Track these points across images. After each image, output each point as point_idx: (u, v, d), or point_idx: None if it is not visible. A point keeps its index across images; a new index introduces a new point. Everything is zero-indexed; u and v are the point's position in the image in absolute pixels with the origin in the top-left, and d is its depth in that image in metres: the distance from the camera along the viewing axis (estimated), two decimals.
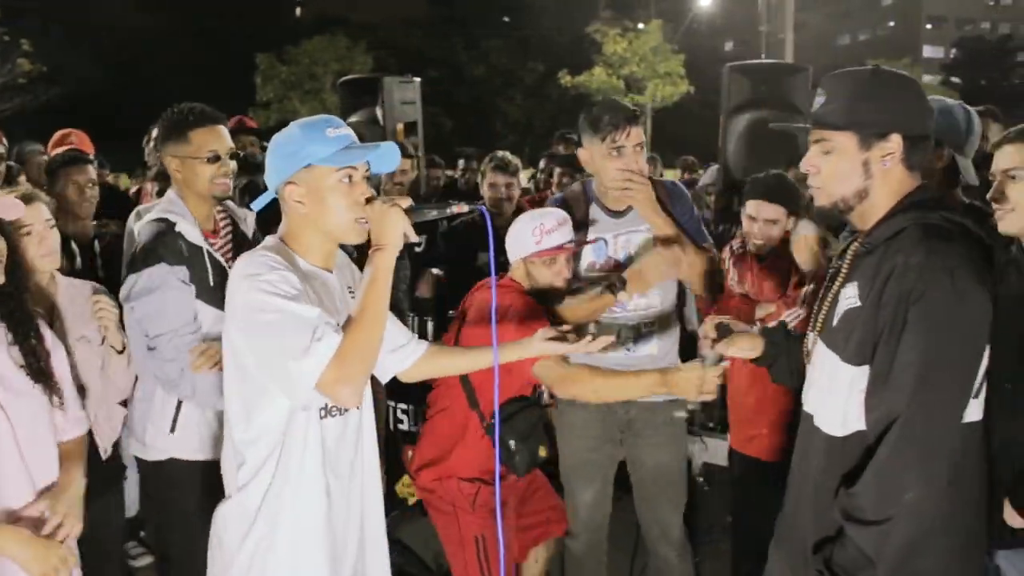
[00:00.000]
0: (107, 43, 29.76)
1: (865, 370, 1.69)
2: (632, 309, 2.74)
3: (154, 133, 4.68)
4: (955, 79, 38.22)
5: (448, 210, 1.87)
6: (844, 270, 1.79)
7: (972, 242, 1.69)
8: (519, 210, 4.16)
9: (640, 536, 2.98)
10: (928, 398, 1.61)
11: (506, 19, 38.40)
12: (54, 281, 2.46)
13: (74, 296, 2.48)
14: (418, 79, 7.08)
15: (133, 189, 5.22)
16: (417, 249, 4.19)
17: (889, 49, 37.12)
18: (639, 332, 2.76)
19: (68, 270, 2.71)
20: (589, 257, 2.78)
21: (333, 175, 1.73)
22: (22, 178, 3.94)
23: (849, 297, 1.73)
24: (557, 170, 5.71)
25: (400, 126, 6.69)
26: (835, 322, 1.76)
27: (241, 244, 2.62)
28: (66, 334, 2.36)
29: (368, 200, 1.75)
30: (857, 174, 1.72)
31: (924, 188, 1.75)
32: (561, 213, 2.67)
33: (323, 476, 1.78)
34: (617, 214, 2.76)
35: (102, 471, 2.49)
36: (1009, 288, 2.09)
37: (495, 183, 4.02)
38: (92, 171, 3.62)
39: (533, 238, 2.61)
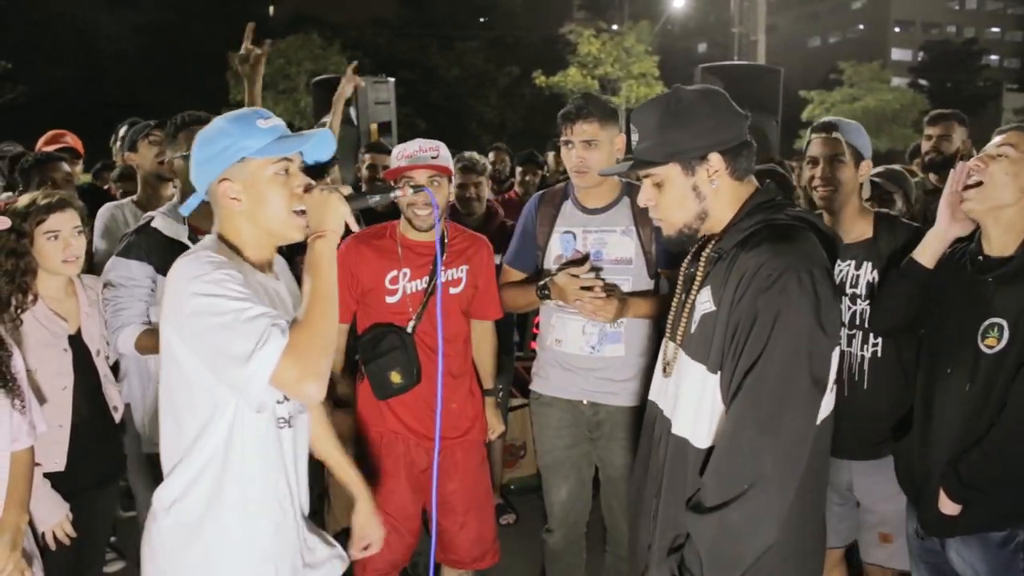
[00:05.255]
0: (73, 41, 29.23)
1: (718, 377, 1.68)
2: None
3: (120, 132, 4.64)
4: (922, 81, 38.89)
5: (392, 193, 1.81)
6: (699, 276, 1.79)
7: (816, 236, 1.73)
8: (490, 210, 4.17)
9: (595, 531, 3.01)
10: (783, 396, 1.58)
11: (481, 19, 38.39)
12: (73, 284, 2.55)
13: (94, 299, 2.61)
14: (392, 79, 7.07)
15: (104, 188, 5.12)
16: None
17: (858, 51, 37.60)
18: (604, 331, 2.73)
19: None
20: (556, 250, 2.78)
21: (270, 167, 1.66)
22: None
23: (704, 302, 1.74)
24: (519, 168, 5.73)
25: (374, 126, 6.67)
26: (693, 329, 1.76)
27: None
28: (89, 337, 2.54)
29: (306, 189, 1.68)
30: (691, 199, 1.76)
31: (761, 191, 1.80)
32: (435, 142, 2.67)
33: (275, 486, 1.70)
34: (591, 211, 2.76)
35: (100, 464, 2.58)
36: (960, 279, 2.14)
37: (464, 183, 4.00)
38: (65, 167, 3.57)
39: (395, 162, 2.67)
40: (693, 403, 1.73)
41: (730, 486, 1.59)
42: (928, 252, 2.20)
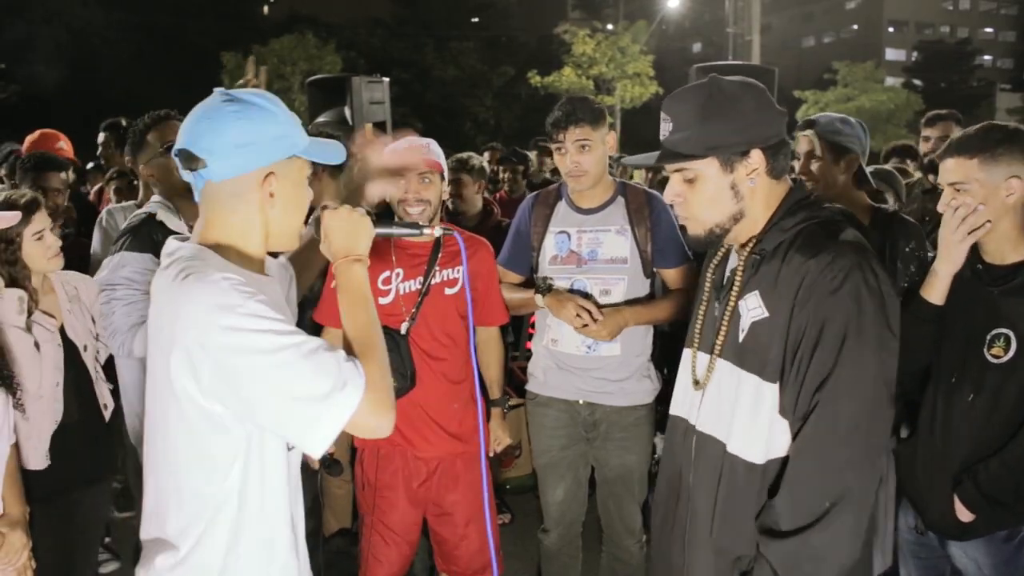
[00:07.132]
0: (65, 41, 29.11)
1: (777, 387, 1.56)
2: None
3: (100, 138, 4.62)
4: (916, 81, 39.00)
5: (421, 231, 1.76)
6: (737, 281, 1.64)
7: (857, 229, 1.62)
8: (486, 209, 4.17)
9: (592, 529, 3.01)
10: (860, 407, 1.48)
11: (476, 20, 38.40)
12: (49, 281, 2.52)
13: (76, 294, 2.56)
14: (387, 79, 7.04)
15: (94, 190, 5.09)
16: None
17: (852, 51, 37.68)
18: None
19: None
20: (551, 251, 2.77)
21: (306, 169, 1.51)
22: None
23: (752, 308, 1.60)
24: (500, 168, 5.70)
25: (369, 126, 6.64)
26: (742, 338, 1.61)
27: None
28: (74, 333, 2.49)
29: (325, 206, 1.55)
30: (727, 198, 1.61)
31: (798, 187, 1.67)
32: (426, 139, 2.63)
33: (289, 510, 1.55)
34: (585, 211, 2.75)
35: (95, 459, 2.55)
36: (959, 288, 2.13)
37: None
38: (63, 177, 3.53)
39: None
40: (745, 417, 1.59)
41: (811, 507, 1.47)
42: (938, 291, 2.09)
